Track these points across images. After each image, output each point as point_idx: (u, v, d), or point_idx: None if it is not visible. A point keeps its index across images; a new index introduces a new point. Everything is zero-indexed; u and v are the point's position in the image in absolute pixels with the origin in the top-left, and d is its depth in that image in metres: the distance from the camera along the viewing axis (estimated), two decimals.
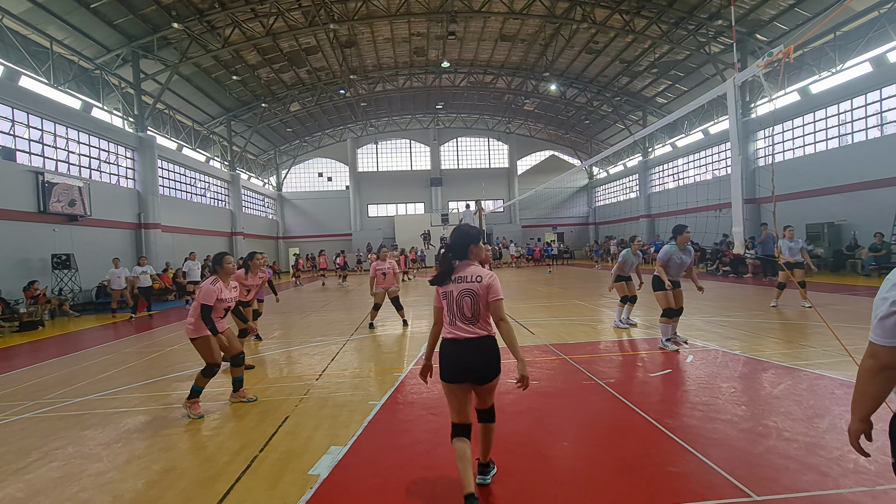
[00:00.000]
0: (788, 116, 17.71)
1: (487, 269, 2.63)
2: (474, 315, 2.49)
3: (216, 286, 4.21)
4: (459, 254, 2.60)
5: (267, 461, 3.08)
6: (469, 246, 2.60)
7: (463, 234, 2.64)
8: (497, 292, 2.49)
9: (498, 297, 2.48)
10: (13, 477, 3.02)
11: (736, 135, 3.62)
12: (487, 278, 2.51)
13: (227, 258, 4.46)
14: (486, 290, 2.48)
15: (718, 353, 5.34)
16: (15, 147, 12.63)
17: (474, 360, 2.47)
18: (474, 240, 2.61)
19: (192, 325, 4.19)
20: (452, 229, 2.78)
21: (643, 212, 27.66)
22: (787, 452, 2.86)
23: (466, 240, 2.61)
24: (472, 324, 2.50)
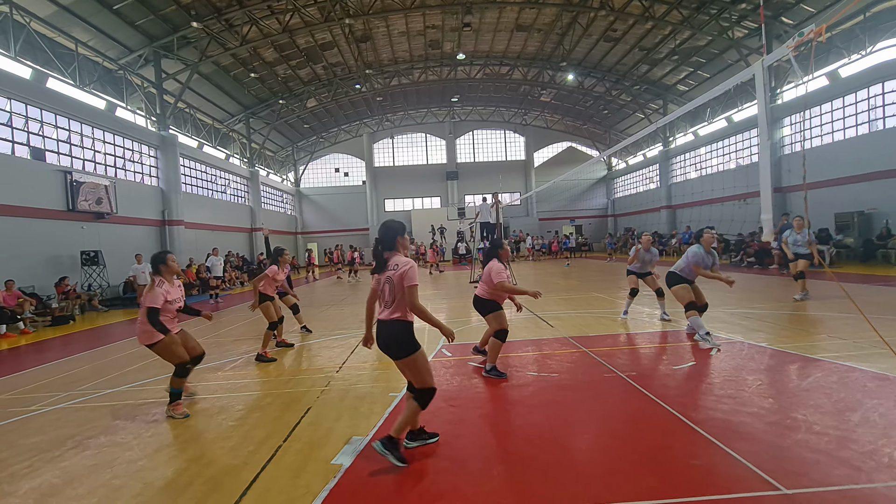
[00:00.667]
0: (816, 102, 17.05)
1: (407, 258, 2.95)
2: (392, 300, 2.84)
3: (162, 288, 4.03)
4: (387, 246, 2.94)
5: (291, 451, 3.14)
6: (396, 238, 2.95)
7: (389, 229, 2.97)
8: (410, 279, 2.78)
9: (411, 284, 2.77)
10: (50, 464, 3.15)
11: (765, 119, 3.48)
12: (403, 266, 2.82)
13: (170, 256, 4.23)
14: (401, 277, 2.79)
15: (744, 346, 5.22)
16: (44, 147, 13.05)
17: (386, 339, 2.90)
18: (399, 233, 2.97)
19: (145, 332, 3.98)
20: (380, 225, 3.06)
21: (664, 203, 27.09)
22: (818, 446, 2.78)
23: (392, 234, 2.95)
24: (388, 307, 2.86)
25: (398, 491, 2.57)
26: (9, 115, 12.01)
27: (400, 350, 2.88)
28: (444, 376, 4.70)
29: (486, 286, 4.66)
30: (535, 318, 7.72)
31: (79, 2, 13.21)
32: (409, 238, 3.20)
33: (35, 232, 12.19)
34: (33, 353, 7.49)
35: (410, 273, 2.81)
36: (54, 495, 2.73)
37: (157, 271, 4.18)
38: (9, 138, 12.00)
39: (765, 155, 3.68)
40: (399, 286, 2.81)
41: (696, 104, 5.21)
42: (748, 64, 17.93)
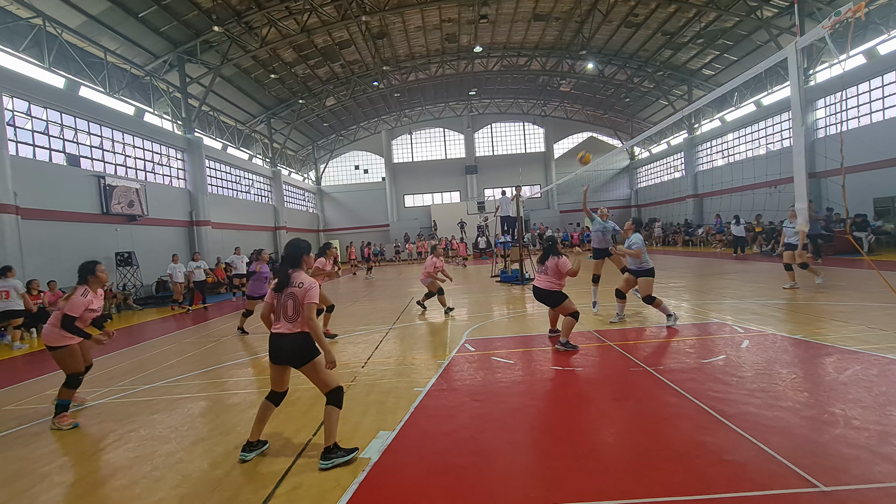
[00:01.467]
0: (853, 81, 16.26)
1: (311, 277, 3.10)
2: (294, 314, 2.98)
3: (87, 298, 4.02)
4: (292, 264, 3.08)
5: (320, 445, 3.20)
6: (301, 257, 3.12)
7: (295, 247, 3.13)
8: (312, 297, 2.97)
9: (311, 301, 2.96)
10: (94, 456, 3.32)
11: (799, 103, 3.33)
12: (307, 284, 3.01)
13: (99, 266, 4.20)
14: (304, 294, 2.98)
15: (777, 338, 5.06)
16: (79, 154, 13.60)
17: (290, 351, 2.99)
18: (305, 251, 3.16)
19: (53, 334, 3.95)
20: (286, 244, 3.23)
21: (690, 191, 26.37)
22: (857, 441, 2.68)
23: (298, 252, 3.11)
24: (291, 322, 2.99)
25: (426, 485, 2.61)
26: (46, 123, 12.55)
27: (304, 358, 3.00)
28: (467, 371, 4.72)
29: (555, 278, 5.25)
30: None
31: (106, 11, 13.66)
32: (313, 257, 3.44)
33: (73, 235, 12.74)
34: None
35: (313, 292, 3.00)
36: (100, 486, 2.87)
37: (85, 280, 4.15)
38: (46, 146, 12.56)
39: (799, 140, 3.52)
40: (302, 301, 2.98)
41: (724, 90, 5.02)
42: (778, 45, 17.22)
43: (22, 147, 11.81)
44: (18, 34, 12.06)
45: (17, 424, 4.12)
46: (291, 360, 3.04)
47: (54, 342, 4.00)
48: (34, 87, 12.11)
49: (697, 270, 12.87)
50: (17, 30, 12.03)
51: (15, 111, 11.68)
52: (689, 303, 7.69)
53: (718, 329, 5.71)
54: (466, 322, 7.43)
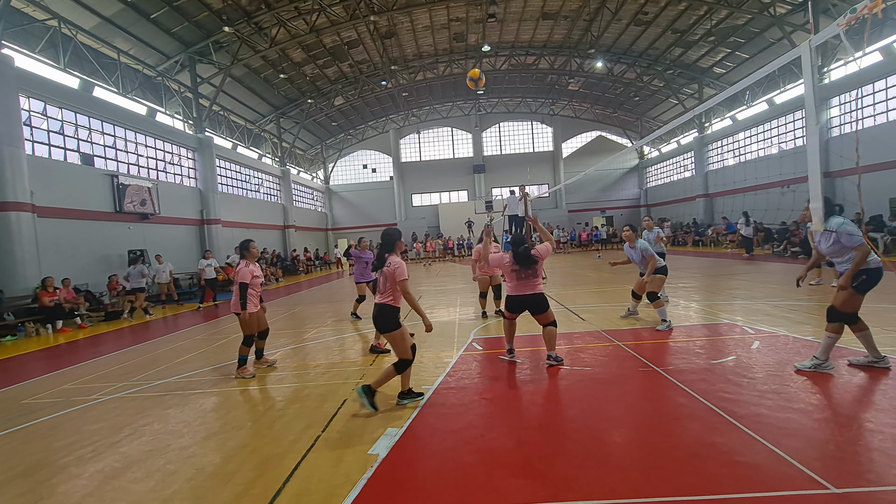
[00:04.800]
0: (869, 79, 15.97)
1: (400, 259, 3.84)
2: (385, 288, 3.79)
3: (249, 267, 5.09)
4: (388, 248, 3.84)
5: (329, 441, 3.25)
6: (395, 243, 3.87)
7: (389, 235, 3.89)
8: (400, 275, 3.69)
9: (401, 279, 3.69)
10: (110, 450, 3.38)
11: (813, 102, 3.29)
12: (394, 265, 3.73)
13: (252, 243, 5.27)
14: (392, 273, 3.71)
15: (788, 339, 5.00)
16: (93, 153, 13.82)
17: (375, 317, 3.86)
18: (397, 238, 3.91)
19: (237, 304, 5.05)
20: (383, 231, 3.92)
21: (700, 191, 26.10)
22: (871, 444, 2.65)
23: (391, 239, 3.87)
24: (381, 294, 3.82)
25: (434, 482, 2.62)
26: (61, 123, 12.77)
27: (384, 327, 3.77)
28: (475, 370, 4.73)
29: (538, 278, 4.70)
30: (566, 311, 7.63)
31: (120, 12, 13.86)
32: (403, 242, 4.09)
33: (87, 232, 12.96)
34: (90, 346, 8.00)
35: (400, 270, 3.72)
36: (116, 478, 2.93)
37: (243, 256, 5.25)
38: (62, 145, 12.78)
39: (813, 140, 3.48)
40: (392, 279, 3.71)
41: (736, 88, 4.97)
42: (792, 42, 16.98)
43: (38, 146, 12.03)
44: (35, 35, 12.28)
45: (36, 417, 4.21)
46: (376, 326, 3.83)
47: (238, 309, 5.04)
48: (50, 88, 12.32)
49: (708, 271, 12.75)
50: (34, 31, 12.25)
51: (31, 111, 11.90)
52: (699, 303, 7.63)
53: (729, 330, 5.66)
54: (474, 321, 7.43)
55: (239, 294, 4.98)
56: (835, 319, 3.83)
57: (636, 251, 6.13)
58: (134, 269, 11.82)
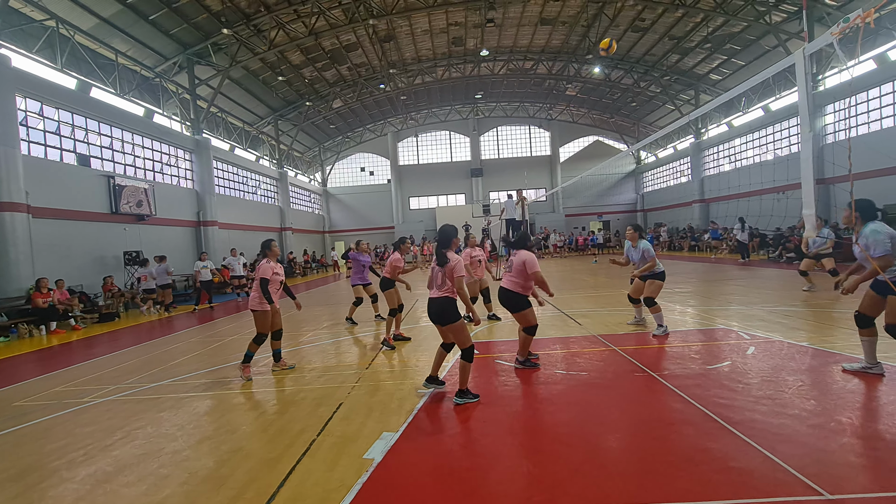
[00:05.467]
0: (863, 87, 16.13)
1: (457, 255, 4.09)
2: (442, 282, 3.98)
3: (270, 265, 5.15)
4: (444, 245, 4.04)
5: (324, 445, 3.23)
6: (451, 240, 4.08)
7: (445, 232, 4.09)
8: (458, 270, 3.88)
9: (459, 275, 3.86)
10: (102, 453, 3.35)
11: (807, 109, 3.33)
12: (453, 262, 3.96)
13: (273, 242, 5.40)
14: (451, 269, 3.93)
15: (783, 345, 5.02)
16: (89, 154, 13.76)
17: (435, 310, 3.97)
18: (453, 235, 4.12)
19: (255, 300, 5.10)
20: (439, 228, 4.19)
21: (696, 196, 26.24)
22: (865, 450, 2.66)
23: (448, 237, 4.08)
24: (439, 288, 3.98)
25: (429, 487, 2.61)
26: (57, 123, 12.72)
27: (447, 318, 3.92)
28: (471, 374, 4.72)
29: (519, 278, 4.51)
30: (562, 315, 7.64)
31: (118, 13, 13.84)
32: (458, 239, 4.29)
33: (83, 234, 12.88)
34: (84, 348, 7.94)
35: (458, 266, 3.95)
36: (108, 482, 2.90)
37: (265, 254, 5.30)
38: (58, 146, 12.72)
39: (807, 147, 3.51)
40: (449, 274, 3.95)
41: (732, 94, 5.02)
42: (787, 50, 17.13)
43: (34, 147, 11.97)
44: (32, 36, 12.24)
45: (27, 420, 4.18)
46: (435, 319, 3.99)
47: (255, 307, 5.08)
48: (47, 88, 12.28)
49: (703, 276, 12.79)
50: (31, 31, 12.22)
51: (28, 111, 11.85)
52: (694, 308, 7.65)
53: (724, 335, 5.68)
54: (470, 324, 7.42)
55: (260, 290, 5.02)
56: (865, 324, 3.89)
57: (637, 251, 6.11)
58: (160, 266, 12.03)
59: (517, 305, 4.56)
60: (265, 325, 5.09)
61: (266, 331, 5.11)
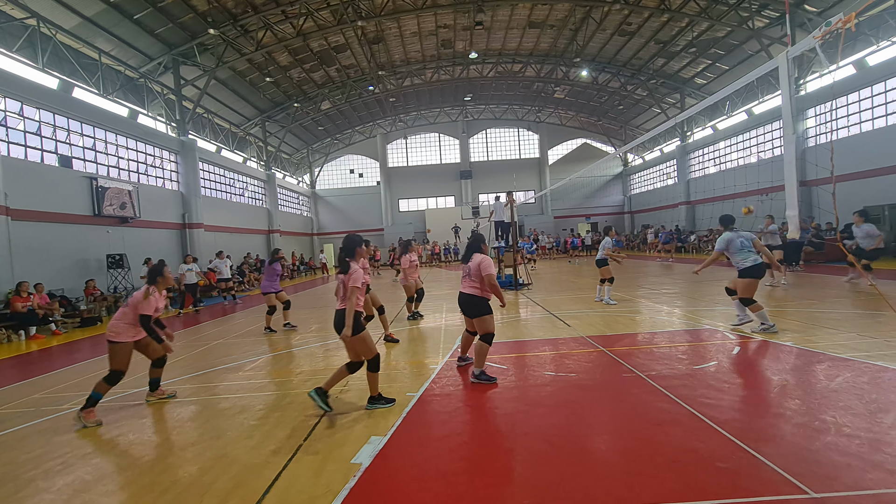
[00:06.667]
0: (843, 91, 16.53)
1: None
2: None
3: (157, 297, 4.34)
4: (348, 253, 3.96)
5: (311, 450, 3.18)
6: (355, 248, 3.99)
7: (350, 240, 4.02)
8: (354, 281, 3.77)
9: (353, 285, 3.76)
10: (82, 461, 3.26)
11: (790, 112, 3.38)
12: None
13: (166, 268, 4.50)
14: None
15: (768, 345, 5.09)
16: (71, 155, 13.47)
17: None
18: (358, 244, 4.03)
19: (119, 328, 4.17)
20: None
21: (682, 198, 26.61)
22: (849, 449, 2.70)
23: (352, 244, 3.99)
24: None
25: (417, 491, 2.58)
26: (38, 124, 12.43)
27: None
28: (460, 376, 4.70)
29: (478, 281, 4.41)
30: (550, 316, 7.66)
31: (101, 13, 13.60)
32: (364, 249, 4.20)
33: (64, 236, 12.59)
34: (64, 354, 7.74)
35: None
36: (86, 491, 2.82)
37: (154, 281, 4.38)
38: (38, 146, 12.43)
39: (790, 150, 3.57)
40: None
41: (716, 98, 5.09)
42: (769, 55, 17.47)
43: (13, 147, 11.67)
44: (12, 35, 11.96)
45: (3, 428, 4.05)
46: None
47: (116, 337, 4.17)
48: (27, 88, 12.00)
49: (690, 277, 12.94)
50: (11, 30, 11.93)
51: (7, 111, 11.56)
52: (681, 309, 7.73)
53: (710, 335, 5.74)
54: (459, 326, 7.41)
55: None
56: None
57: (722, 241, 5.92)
58: (220, 262, 13.17)
59: (477, 310, 4.40)
60: (125, 361, 4.24)
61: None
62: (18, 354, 7.92)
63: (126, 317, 4.21)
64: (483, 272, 4.36)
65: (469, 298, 4.48)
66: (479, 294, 4.45)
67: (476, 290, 4.44)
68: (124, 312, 4.24)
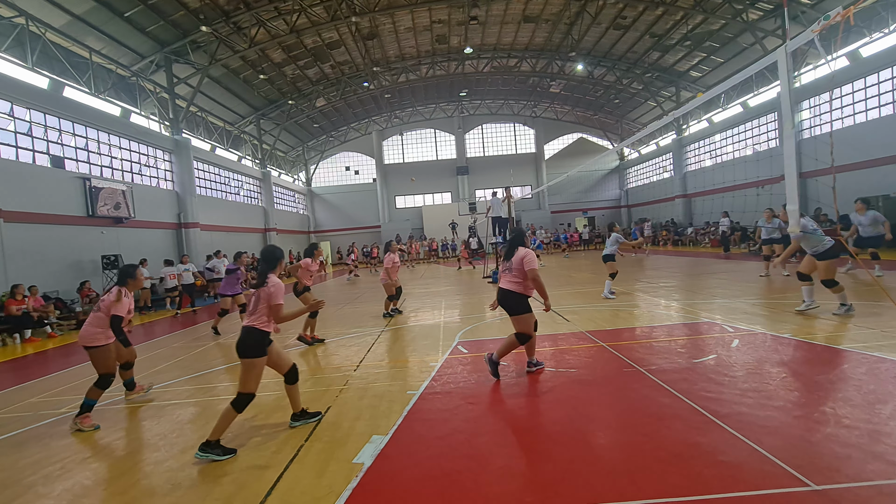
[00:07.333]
0: (837, 83, 16.56)
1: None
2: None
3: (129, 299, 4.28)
4: (269, 266, 3.54)
5: (312, 450, 3.17)
6: (278, 261, 3.58)
7: (271, 253, 3.58)
8: (275, 298, 3.37)
9: (276, 303, 3.36)
10: (81, 466, 3.24)
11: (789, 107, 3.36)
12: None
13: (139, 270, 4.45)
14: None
15: (766, 338, 5.11)
16: (63, 155, 13.34)
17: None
18: (280, 257, 3.61)
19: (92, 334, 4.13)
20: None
21: (678, 192, 26.66)
22: (849, 440, 2.71)
23: (273, 258, 3.56)
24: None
25: (420, 490, 2.58)
26: (29, 124, 12.29)
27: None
28: (460, 374, 4.70)
29: (521, 277, 4.23)
30: (550, 312, 7.66)
31: (91, 11, 13.43)
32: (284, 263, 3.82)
33: (58, 238, 12.49)
34: (60, 357, 7.69)
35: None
36: (86, 496, 2.80)
37: (124, 283, 4.30)
38: (30, 147, 12.29)
39: (789, 144, 3.55)
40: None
41: (713, 93, 5.07)
42: (764, 47, 17.47)
43: (5, 149, 11.55)
44: (1, 34, 11.80)
45: (2, 433, 4.02)
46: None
47: (92, 342, 4.10)
48: (17, 88, 11.86)
49: (687, 270, 12.99)
50: (0, 29, 11.80)
51: None
52: (679, 302, 7.75)
53: (709, 329, 5.76)
54: (459, 323, 7.41)
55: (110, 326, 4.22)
56: None
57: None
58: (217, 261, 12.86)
59: (517, 307, 4.24)
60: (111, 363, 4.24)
61: (113, 370, 4.26)
62: (14, 358, 7.87)
63: (99, 321, 4.14)
64: (526, 266, 4.15)
65: (509, 295, 4.27)
66: (520, 290, 4.24)
67: (518, 285, 4.25)
68: (97, 316, 4.16)
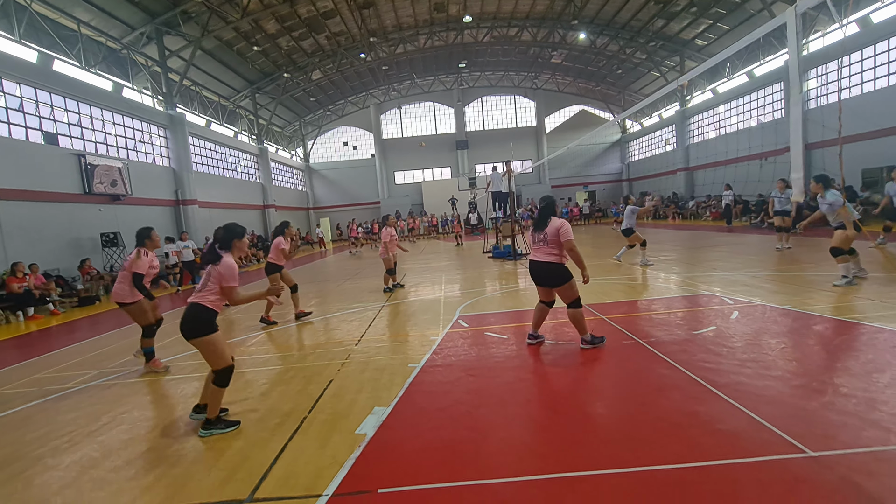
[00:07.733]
0: (847, 50, 16.11)
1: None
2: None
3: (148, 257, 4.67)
4: (224, 245, 3.32)
5: (315, 422, 3.21)
6: (233, 240, 3.34)
7: (230, 231, 3.36)
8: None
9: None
10: (88, 438, 3.29)
11: (797, 70, 3.26)
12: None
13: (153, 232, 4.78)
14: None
15: (766, 309, 5.12)
16: (56, 131, 13.13)
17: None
18: (237, 237, 3.37)
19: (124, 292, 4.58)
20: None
21: (681, 164, 26.36)
22: (846, 408, 2.74)
23: (231, 235, 3.34)
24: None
25: (422, 460, 2.62)
26: (20, 99, 12.04)
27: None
28: (461, 347, 4.73)
29: (556, 248, 4.12)
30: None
31: None
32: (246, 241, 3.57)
33: (55, 216, 12.42)
34: (64, 333, 7.76)
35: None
36: (94, 468, 2.85)
37: (142, 244, 4.68)
38: (22, 123, 12.08)
39: (796, 110, 3.47)
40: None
41: (718, 59, 4.93)
42: (771, 13, 16.93)
43: None
44: None
45: (7, 408, 4.07)
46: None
47: (125, 299, 4.57)
48: (5, 61, 11.57)
49: (688, 243, 12.96)
50: None
51: None
52: (679, 275, 7.75)
53: (708, 301, 5.77)
54: (459, 298, 7.43)
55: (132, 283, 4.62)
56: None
57: (825, 203, 6.05)
58: None
59: (558, 278, 4.11)
60: (147, 316, 4.61)
61: (151, 321, 4.65)
62: (18, 335, 7.94)
63: (126, 279, 4.57)
64: (562, 237, 4.02)
65: (547, 266, 4.13)
66: (558, 261, 4.12)
67: (555, 256, 4.12)
68: (123, 275, 4.58)
